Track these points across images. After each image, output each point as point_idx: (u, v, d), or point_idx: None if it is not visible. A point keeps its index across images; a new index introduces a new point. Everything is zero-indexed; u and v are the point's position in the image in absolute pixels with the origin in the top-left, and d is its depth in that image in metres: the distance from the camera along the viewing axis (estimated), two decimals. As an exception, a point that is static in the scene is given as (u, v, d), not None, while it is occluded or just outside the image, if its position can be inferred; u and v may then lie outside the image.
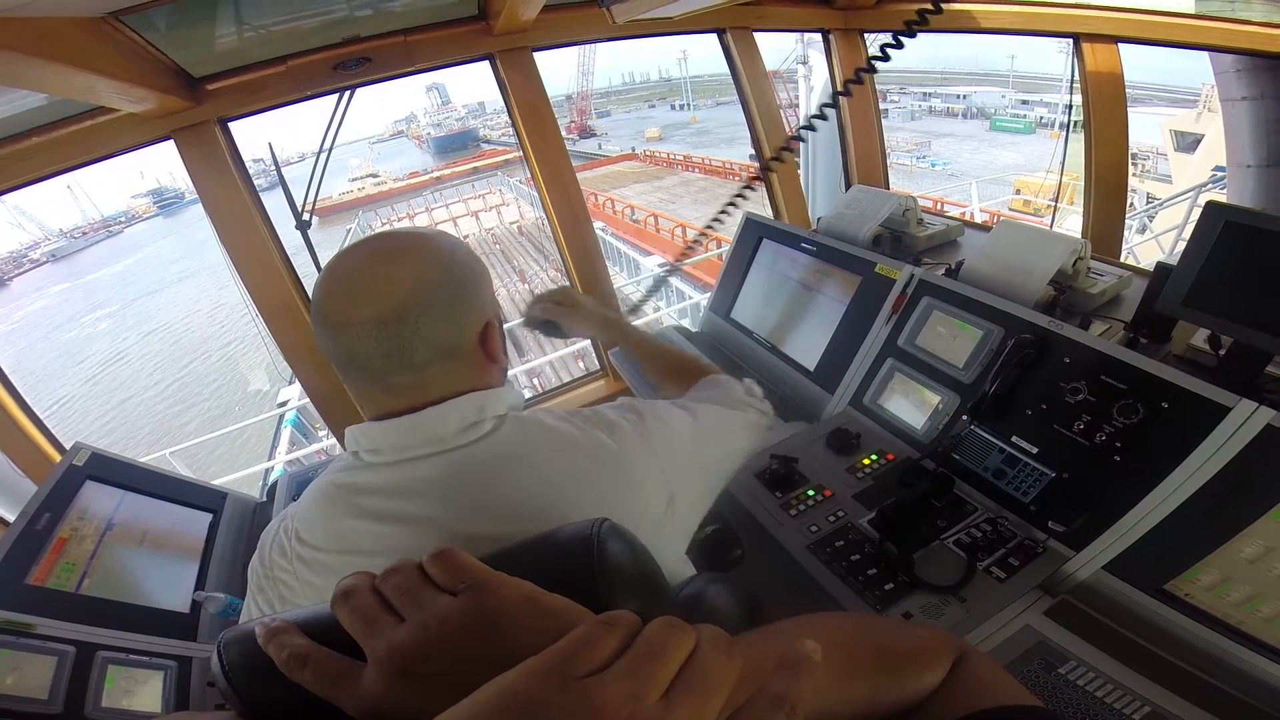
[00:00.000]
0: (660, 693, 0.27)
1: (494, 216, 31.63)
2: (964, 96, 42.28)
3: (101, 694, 1.14)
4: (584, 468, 0.78)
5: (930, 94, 45.39)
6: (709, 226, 2.08)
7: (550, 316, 1.34)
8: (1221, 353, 1.25)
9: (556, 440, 0.79)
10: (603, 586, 0.45)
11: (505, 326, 0.88)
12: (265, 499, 1.95)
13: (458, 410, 0.75)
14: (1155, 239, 6.32)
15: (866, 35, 2.95)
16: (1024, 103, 37.06)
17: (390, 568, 0.41)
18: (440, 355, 0.74)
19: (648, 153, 41.61)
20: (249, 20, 1.72)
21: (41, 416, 2.15)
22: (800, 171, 3.33)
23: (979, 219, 5.87)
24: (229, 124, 2.02)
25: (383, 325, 0.71)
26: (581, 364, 10.00)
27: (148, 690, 1.22)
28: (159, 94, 1.69)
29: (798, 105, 3.54)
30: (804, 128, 1.74)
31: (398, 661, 0.36)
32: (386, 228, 0.84)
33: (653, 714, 0.27)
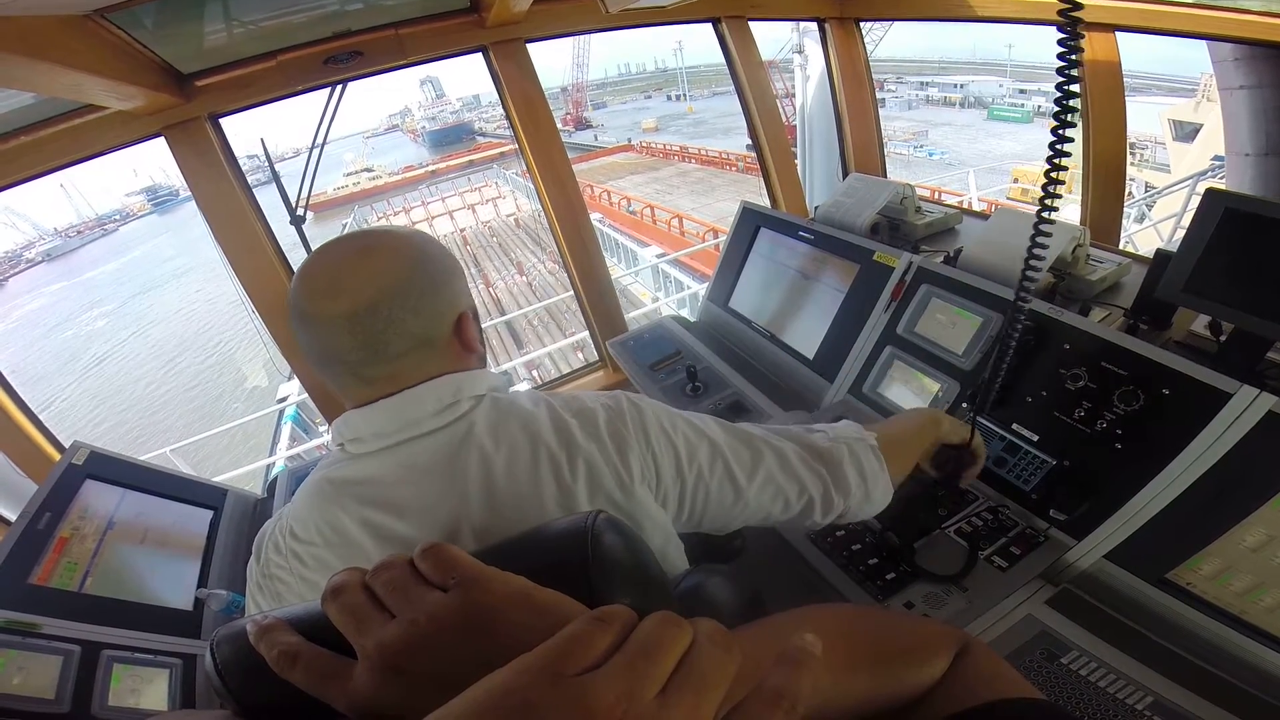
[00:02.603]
0: (656, 690, 0.27)
1: (490, 210, 31.52)
2: (961, 85, 42.14)
3: (108, 693, 1.15)
4: (551, 452, 0.77)
5: (927, 83, 45.25)
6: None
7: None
8: (1222, 339, 1.25)
9: (533, 419, 0.79)
10: (598, 580, 0.45)
11: (505, 319, 0.88)
12: (266, 495, 1.95)
13: (433, 391, 0.76)
14: (1154, 227, 6.31)
15: (862, 24, 2.93)
16: (1022, 91, 36.93)
17: (380, 564, 0.41)
18: (414, 346, 0.75)
19: (644, 144, 41.51)
20: (238, 16, 1.70)
21: (40, 415, 2.14)
22: (797, 160, 3.31)
23: (977, 207, 5.86)
24: (220, 120, 2.01)
25: (356, 318, 0.71)
26: (580, 355, 9.98)
27: (154, 688, 1.22)
28: (148, 91, 1.67)
29: (794, 95, 3.51)
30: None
31: (388, 659, 0.36)
32: (382, 222, 0.84)
33: (648, 712, 0.26)
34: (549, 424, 0.79)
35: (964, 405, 1.41)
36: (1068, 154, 0.79)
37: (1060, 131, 0.77)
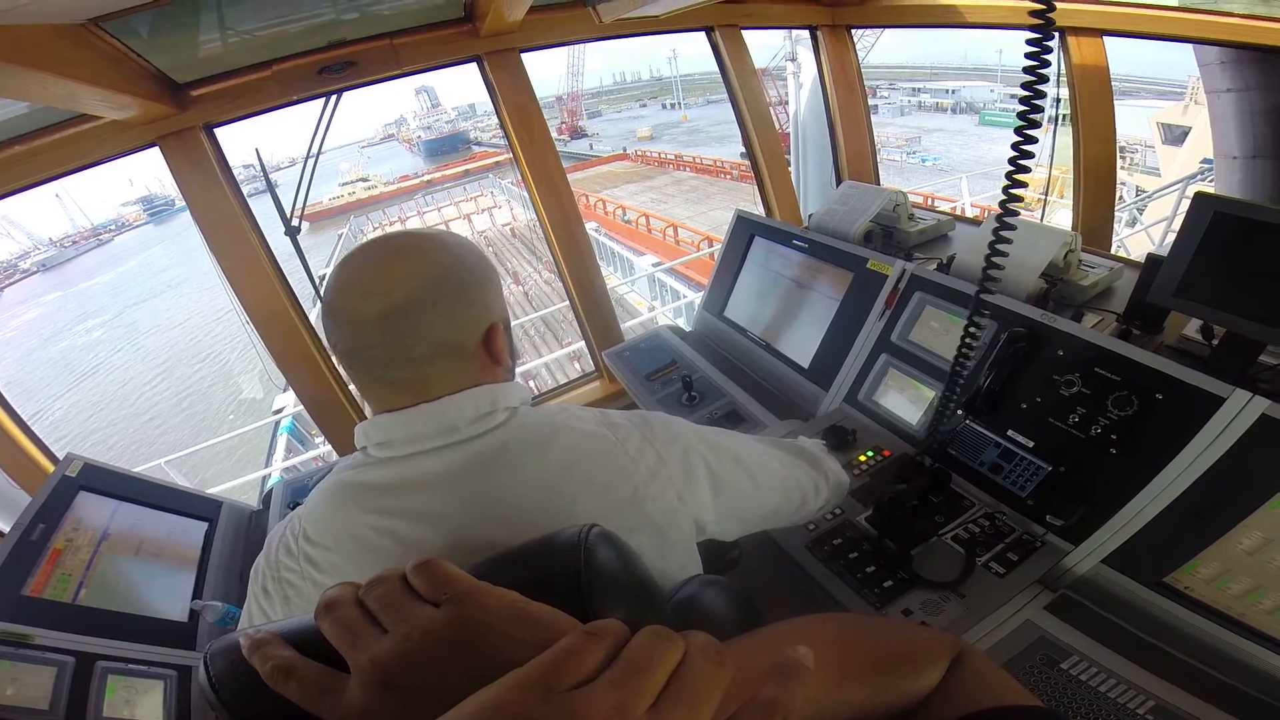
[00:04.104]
0: (648, 705, 0.27)
1: (486, 219, 31.53)
2: (953, 91, 42.38)
3: (102, 704, 1.14)
4: (591, 459, 0.78)
5: (919, 89, 45.50)
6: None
7: None
8: (1214, 343, 1.25)
9: (568, 432, 0.79)
10: (591, 593, 0.45)
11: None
12: (261, 507, 1.94)
13: (472, 399, 0.75)
14: (1145, 231, 6.35)
15: (854, 31, 2.95)
16: (1013, 97, 36.91)
17: (373, 579, 0.41)
18: (440, 353, 0.75)
19: (639, 152, 41.55)
20: (233, 25, 1.71)
21: (33, 427, 2.13)
22: (791, 169, 3.32)
23: (970, 213, 5.88)
24: (214, 130, 2.01)
25: (384, 320, 0.72)
26: (578, 365, 9.96)
27: (149, 700, 1.21)
28: (142, 101, 1.67)
29: (787, 102, 3.54)
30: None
31: (380, 674, 0.36)
32: (378, 232, 0.84)
33: None
34: (581, 439, 0.79)
35: (959, 412, 1.41)
36: (1034, 139, 0.80)
37: (1028, 116, 0.79)
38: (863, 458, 1.49)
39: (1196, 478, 1.01)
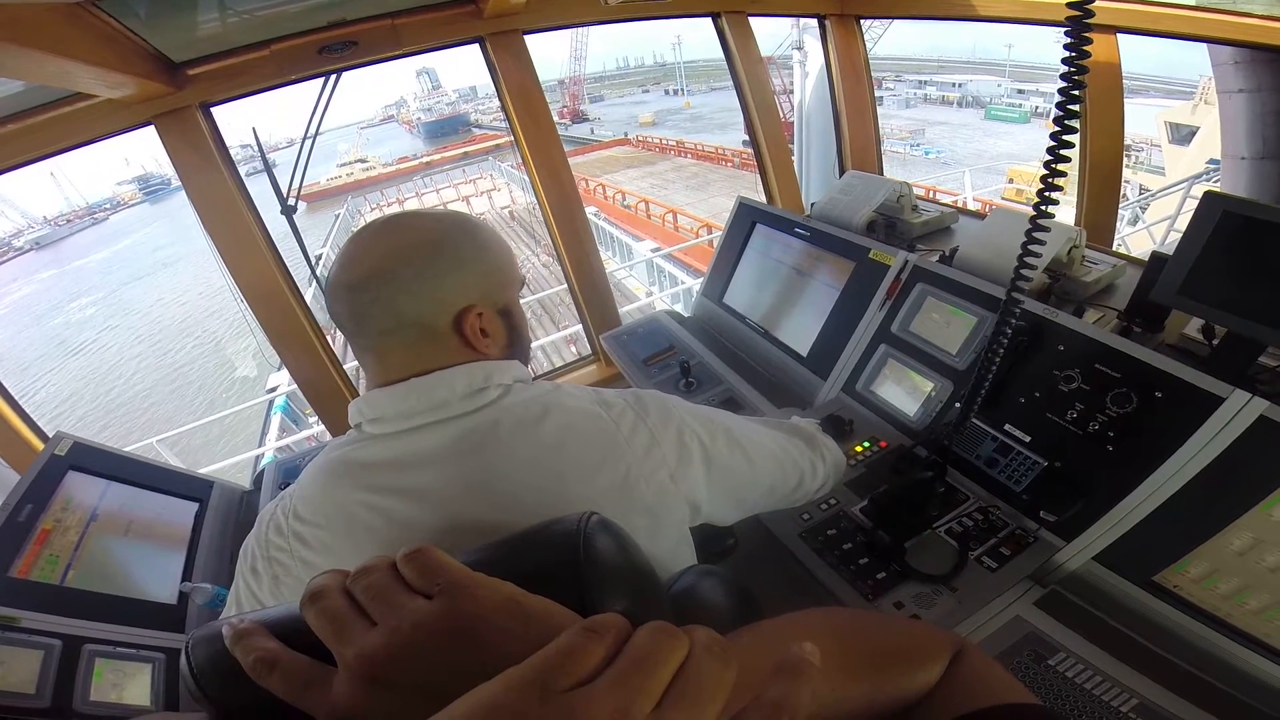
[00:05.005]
0: (651, 705, 0.26)
1: (485, 202, 31.35)
2: (960, 85, 42.17)
3: (90, 687, 1.13)
4: (584, 437, 0.77)
5: (926, 82, 45.28)
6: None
7: None
8: (1215, 342, 1.25)
9: (560, 410, 0.79)
10: (590, 583, 0.44)
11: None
12: (253, 487, 1.93)
13: (465, 374, 0.75)
14: (1147, 229, 6.34)
15: (863, 21, 2.92)
16: (1020, 92, 37.02)
17: (361, 568, 0.39)
18: (401, 327, 0.75)
19: (640, 138, 41.33)
20: (231, 4, 1.68)
21: (25, 405, 2.12)
22: (794, 157, 3.30)
23: (972, 207, 5.86)
24: (211, 109, 1.98)
25: (351, 288, 0.75)
26: (574, 348, 9.93)
27: (137, 683, 1.20)
28: (138, 79, 1.65)
29: (792, 91, 3.51)
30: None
31: (368, 668, 0.34)
32: (376, 213, 0.84)
33: None
34: (574, 417, 0.79)
35: (956, 405, 1.41)
36: (1069, 149, 0.78)
37: (1062, 133, 0.77)
38: (859, 448, 1.49)
39: (1191, 477, 1.01)
